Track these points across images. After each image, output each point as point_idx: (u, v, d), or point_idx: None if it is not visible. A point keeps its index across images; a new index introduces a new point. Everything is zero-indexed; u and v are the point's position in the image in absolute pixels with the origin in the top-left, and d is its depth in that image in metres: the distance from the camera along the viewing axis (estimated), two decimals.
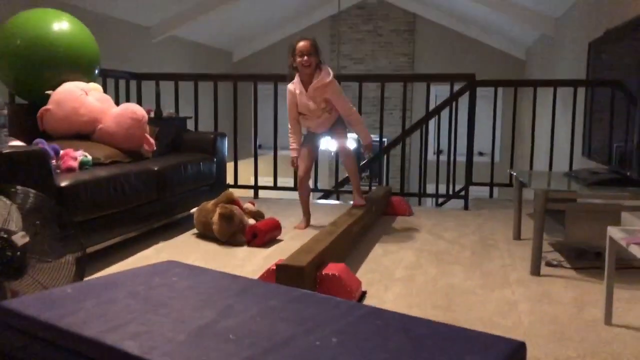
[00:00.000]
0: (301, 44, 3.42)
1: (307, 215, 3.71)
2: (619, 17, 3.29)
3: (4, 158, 2.25)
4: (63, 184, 2.48)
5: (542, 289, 2.48)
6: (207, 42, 9.70)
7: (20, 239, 1.93)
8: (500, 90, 4.93)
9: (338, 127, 3.63)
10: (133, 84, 5.02)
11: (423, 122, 4.87)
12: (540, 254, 2.69)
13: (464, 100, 4.51)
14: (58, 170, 2.69)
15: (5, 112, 2.59)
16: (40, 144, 2.78)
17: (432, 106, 4.96)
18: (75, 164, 2.78)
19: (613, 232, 2.03)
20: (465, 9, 8.66)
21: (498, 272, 2.72)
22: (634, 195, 2.62)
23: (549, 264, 2.81)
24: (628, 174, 2.73)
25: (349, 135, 3.69)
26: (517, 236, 3.40)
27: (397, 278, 2.62)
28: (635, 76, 2.65)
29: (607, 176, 2.83)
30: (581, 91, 4.31)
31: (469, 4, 7.73)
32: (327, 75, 3.43)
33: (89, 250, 2.61)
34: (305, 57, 3.39)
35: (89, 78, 3.49)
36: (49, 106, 3.19)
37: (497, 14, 7.49)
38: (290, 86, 3.56)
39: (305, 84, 3.47)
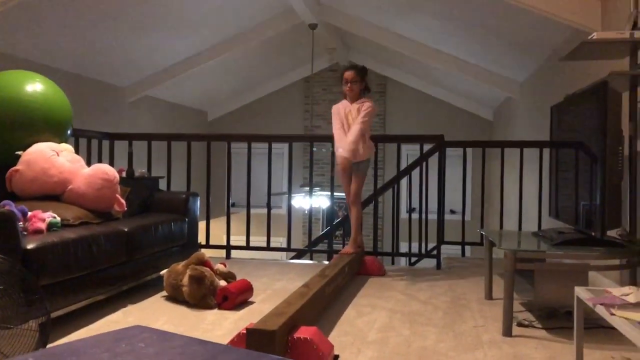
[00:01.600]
0: (347, 73, 4.09)
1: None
2: (577, 84, 3.46)
3: None
4: (29, 246, 2.43)
5: (513, 350, 2.48)
6: (181, 102, 9.80)
7: None
8: (469, 150, 5.07)
9: (360, 171, 4.08)
10: (106, 144, 5.02)
11: (394, 182, 4.95)
12: (511, 315, 2.70)
13: (434, 160, 4.61)
14: (25, 232, 2.64)
15: None
16: (7, 205, 2.73)
17: (403, 165, 5.05)
18: (43, 226, 2.73)
19: (580, 292, 2.06)
20: (434, 73, 8.97)
21: (470, 333, 2.72)
22: (600, 255, 2.68)
23: (520, 324, 2.82)
24: (593, 234, 2.79)
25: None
26: (489, 296, 3.41)
27: (370, 341, 2.59)
28: (595, 138, 2.76)
29: (574, 236, 2.89)
30: (546, 152, 4.46)
31: (437, 67, 8.02)
32: (370, 102, 4.06)
33: (54, 314, 2.53)
34: (349, 85, 4.06)
35: (61, 139, 3.49)
36: (18, 167, 3.16)
37: (465, 77, 7.78)
38: (335, 106, 4.19)
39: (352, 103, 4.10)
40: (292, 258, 5.54)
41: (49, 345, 2.12)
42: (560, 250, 2.76)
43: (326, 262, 4.45)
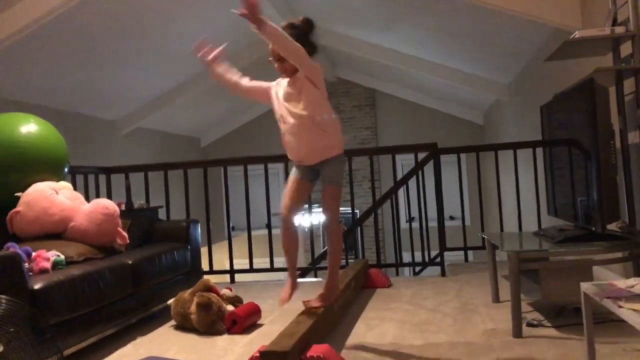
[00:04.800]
0: (270, 46, 2.56)
1: (292, 277, 2.84)
2: (564, 82, 3.51)
3: None
4: (36, 286, 2.44)
5: (525, 351, 2.49)
6: (174, 130, 9.85)
7: None
8: (463, 155, 5.11)
9: (331, 177, 2.71)
10: (102, 178, 5.04)
11: (392, 192, 4.97)
12: (520, 316, 2.71)
13: (429, 167, 4.64)
14: (31, 273, 2.65)
15: None
16: (12, 247, 2.74)
17: (399, 175, 5.08)
18: (48, 265, 2.74)
19: (586, 287, 2.08)
20: (421, 80, 9.05)
21: (481, 338, 2.72)
22: (602, 249, 2.70)
23: (530, 325, 2.83)
24: (593, 228, 2.82)
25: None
26: (496, 299, 3.43)
27: (383, 353, 2.60)
28: (586, 134, 2.80)
29: (575, 232, 2.92)
30: (540, 151, 4.50)
31: (424, 76, 8.10)
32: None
33: (66, 352, 2.53)
34: (277, 64, 2.62)
35: (59, 177, 3.50)
36: (18, 208, 3.17)
37: (452, 83, 7.86)
38: (273, 86, 2.77)
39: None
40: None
41: None
42: (562, 247, 2.78)
43: None
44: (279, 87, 2.74)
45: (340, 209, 2.80)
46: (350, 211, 5.08)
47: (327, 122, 2.67)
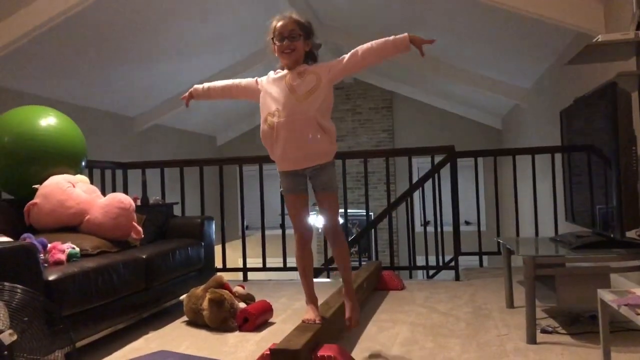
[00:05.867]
0: (281, 24, 2.49)
1: (313, 299, 2.66)
2: (584, 88, 3.46)
3: None
4: (51, 277, 2.46)
5: (539, 357, 2.45)
6: (190, 128, 9.90)
7: (8, 337, 1.89)
8: (480, 159, 5.06)
9: (327, 184, 2.55)
10: (119, 173, 5.07)
11: (407, 195, 4.94)
12: (534, 322, 2.67)
13: (446, 171, 4.61)
14: (46, 264, 2.67)
15: None
16: (28, 238, 2.77)
17: (415, 178, 5.05)
18: (63, 257, 2.76)
19: (604, 294, 2.04)
20: (440, 85, 8.99)
21: (494, 343, 2.69)
22: (620, 257, 2.66)
23: (544, 331, 2.79)
24: (612, 235, 2.77)
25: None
26: (510, 304, 3.38)
27: (394, 355, 2.58)
28: (607, 140, 2.75)
29: (592, 239, 2.87)
30: (558, 157, 4.44)
31: (442, 80, 8.05)
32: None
33: (78, 344, 2.54)
34: (285, 41, 2.49)
35: (75, 170, 3.53)
36: (35, 200, 3.20)
37: (471, 87, 7.79)
38: (259, 81, 2.69)
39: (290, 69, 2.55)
40: None
41: None
42: (579, 254, 2.74)
43: None
44: (270, 79, 2.60)
45: (355, 211, 2.71)
46: (365, 213, 5.06)
47: (330, 125, 2.50)
